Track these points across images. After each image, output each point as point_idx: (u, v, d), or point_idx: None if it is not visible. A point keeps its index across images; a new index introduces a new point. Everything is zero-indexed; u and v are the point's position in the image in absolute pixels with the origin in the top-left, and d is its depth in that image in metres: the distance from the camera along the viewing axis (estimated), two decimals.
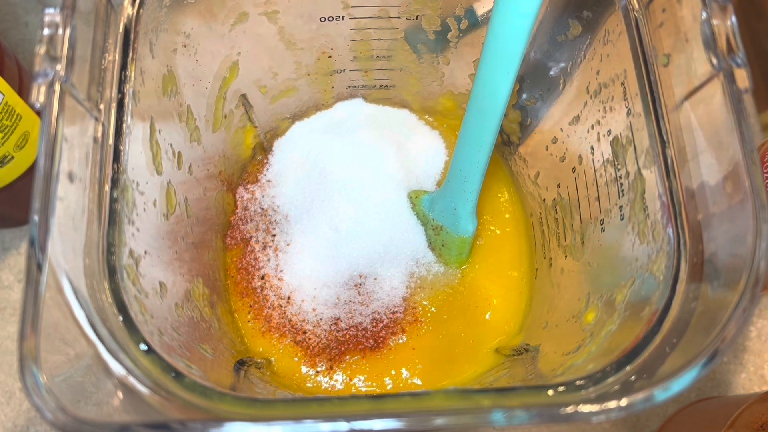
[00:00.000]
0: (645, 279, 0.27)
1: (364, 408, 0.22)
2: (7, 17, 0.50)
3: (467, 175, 0.37)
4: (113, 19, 0.28)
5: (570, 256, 0.36)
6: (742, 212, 0.23)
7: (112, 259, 0.26)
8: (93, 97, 0.26)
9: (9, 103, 0.36)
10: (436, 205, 0.40)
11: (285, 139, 0.45)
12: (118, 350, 0.24)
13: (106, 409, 0.22)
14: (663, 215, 0.27)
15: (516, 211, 0.43)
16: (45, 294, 0.22)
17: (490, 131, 0.34)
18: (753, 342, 0.43)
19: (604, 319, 0.29)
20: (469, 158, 0.36)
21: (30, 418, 0.41)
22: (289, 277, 0.40)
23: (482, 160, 0.36)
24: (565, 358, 0.30)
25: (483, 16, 0.38)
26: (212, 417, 0.22)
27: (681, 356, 0.23)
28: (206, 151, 0.38)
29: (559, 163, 0.37)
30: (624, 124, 0.30)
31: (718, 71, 0.24)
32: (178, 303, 0.32)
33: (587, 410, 0.22)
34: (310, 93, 0.43)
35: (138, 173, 0.29)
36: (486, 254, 0.42)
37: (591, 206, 0.34)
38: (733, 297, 0.23)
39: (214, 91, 0.38)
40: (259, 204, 0.43)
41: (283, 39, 0.38)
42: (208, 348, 0.32)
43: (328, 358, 0.39)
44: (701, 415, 0.39)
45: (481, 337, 0.40)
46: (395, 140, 0.43)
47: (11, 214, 0.44)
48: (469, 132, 0.35)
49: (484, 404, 0.22)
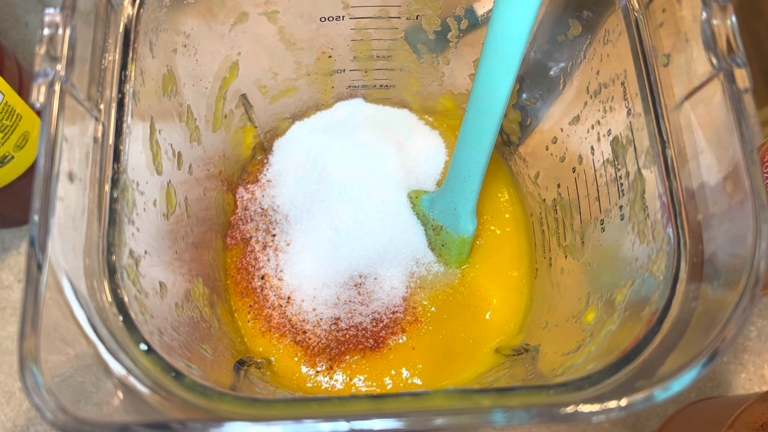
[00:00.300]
0: (645, 279, 0.27)
1: (364, 408, 0.22)
2: (7, 17, 0.50)
3: (467, 175, 0.37)
4: (113, 19, 0.28)
5: (570, 256, 0.36)
6: (742, 212, 0.23)
7: (112, 259, 0.26)
8: (93, 97, 0.26)
9: (9, 103, 0.36)
10: (436, 205, 0.40)
11: (285, 139, 0.45)
12: (118, 350, 0.24)
13: (106, 409, 0.22)
14: (663, 215, 0.27)
15: (516, 211, 0.43)
16: (45, 294, 0.22)
17: (490, 131, 0.34)
18: (753, 342, 0.43)
19: (604, 319, 0.29)
20: (469, 158, 0.36)
21: (30, 418, 0.41)
22: (289, 277, 0.40)
23: (482, 160, 0.36)
24: (565, 358, 0.30)
25: (483, 16, 0.38)
26: (212, 417, 0.22)
27: (681, 356, 0.23)
28: (206, 151, 0.38)
29: (559, 163, 0.37)
30: (624, 124, 0.30)
31: (718, 71, 0.24)
32: (178, 303, 0.32)
33: (587, 410, 0.22)
34: (310, 93, 0.43)
35: (138, 173, 0.29)
36: (486, 254, 0.42)
37: (591, 206, 0.34)
38: (733, 297, 0.23)
39: (214, 91, 0.38)
40: (259, 204, 0.43)
41: (283, 39, 0.38)
42: (208, 348, 0.32)
43: (328, 358, 0.39)
44: (701, 415, 0.39)
45: (481, 337, 0.40)
46: (395, 140, 0.43)
47: (11, 214, 0.44)
48: (469, 132, 0.35)
49: (484, 404, 0.22)
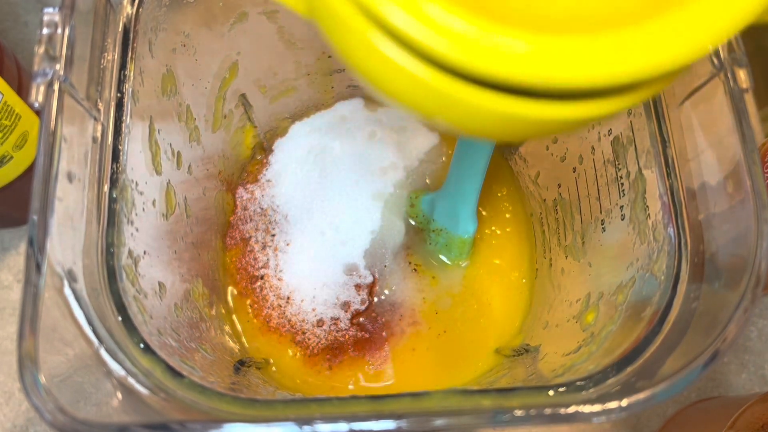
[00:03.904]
0: (646, 279, 0.27)
1: (364, 409, 0.22)
2: (6, 17, 0.50)
3: (467, 176, 0.37)
4: (112, 18, 0.28)
5: (570, 256, 0.36)
6: (743, 212, 0.23)
7: (111, 259, 0.26)
8: (92, 96, 0.26)
9: (8, 102, 0.36)
10: (437, 206, 0.40)
11: (285, 139, 0.45)
12: (118, 351, 0.24)
13: (105, 410, 0.22)
14: (664, 215, 0.27)
15: (516, 211, 0.43)
16: (44, 294, 0.22)
17: None
18: (754, 342, 0.43)
19: (604, 319, 0.29)
20: (469, 159, 0.36)
21: (29, 419, 0.41)
22: (288, 277, 0.40)
23: (482, 160, 0.36)
24: (565, 358, 0.30)
25: None
26: (212, 417, 0.22)
27: (682, 356, 0.23)
28: (206, 150, 0.38)
29: (560, 163, 0.37)
30: (625, 123, 0.30)
31: (719, 71, 0.24)
32: (178, 303, 0.31)
33: (588, 411, 0.22)
34: (310, 93, 0.43)
35: (137, 173, 0.29)
36: (486, 254, 0.42)
37: (591, 206, 0.34)
38: (734, 297, 0.22)
39: (213, 90, 0.37)
40: (259, 204, 0.43)
41: (282, 39, 0.38)
42: (208, 348, 0.32)
43: (327, 358, 0.39)
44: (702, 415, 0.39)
45: (481, 337, 0.40)
46: (395, 140, 0.43)
47: (10, 214, 0.43)
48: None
49: (484, 405, 0.22)
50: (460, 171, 0.37)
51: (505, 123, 0.18)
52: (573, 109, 0.18)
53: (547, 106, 0.17)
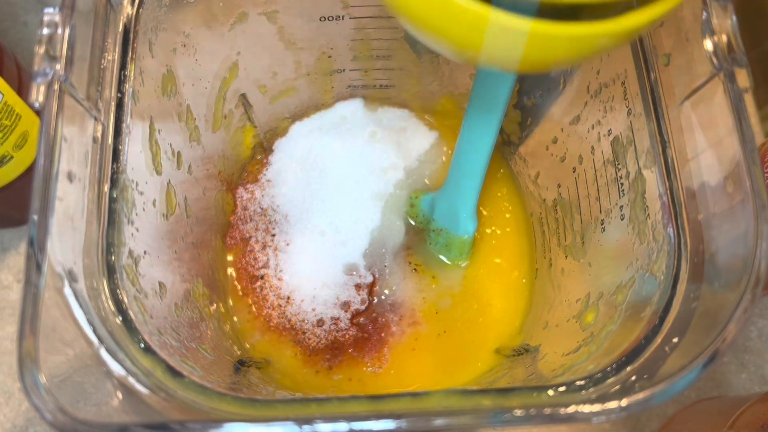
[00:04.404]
0: (645, 279, 0.27)
1: (364, 408, 0.22)
2: (6, 17, 0.50)
3: (467, 176, 0.37)
4: (112, 18, 0.28)
5: (570, 256, 0.36)
6: (742, 212, 0.23)
7: (112, 259, 0.26)
8: (92, 96, 0.26)
9: (8, 102, 0.36)
10: (437, 206, 0.40)
11: (285, 139, 0.45)
12: (118, 350, 0.24)
13: (105, 410, 0.22)
14: (663, 215, 0.27)
15: (516, 211, 0.43)
16: (44, 294, 0.22)
17: (490, 132, 0.34)
18: (754, 342, 0.43)
19: (604, 319, 0.29)
20: (469, 159, 0.36)
21: (29, 419, 0.41)
22: (288, 276, 0.40)
23: (482, 160, 0.36)
24: (565, 358, 0.30)
25: None
26: (212, 417, 0.22)
27: (681, 356, 0.23)
28: (206, 150, 0.38)
29: (560, 163, 0.37)
30: (624, 123, 0.30)
31: (719, 71, 0.24)
32: (178, 303, 0.31)
33: (588, 411, 0.22)
34: (310, 93, 0.43)
35: (137, 173, 0.29)
36: (486, 254, 0.42)
37: (591, 206, 0.34)
38: (733, 297, 0.22)
39: (213, 90, 0.37)
40: (259, 204, 0.43)
41: (282, 39, 0.38)
42: (208, 348, 0.32)
43: (328, 358, 0.39)
44: (701, 415, 0.39)
45: (481, 337, 0.40)
46: (395, 140, 0.43)
47: (11, 214, 0.43)
48: (469, 133, 0.35)
49: (484, 404, 0.22)
50: (460, 171, 0.37)
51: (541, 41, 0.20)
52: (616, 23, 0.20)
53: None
